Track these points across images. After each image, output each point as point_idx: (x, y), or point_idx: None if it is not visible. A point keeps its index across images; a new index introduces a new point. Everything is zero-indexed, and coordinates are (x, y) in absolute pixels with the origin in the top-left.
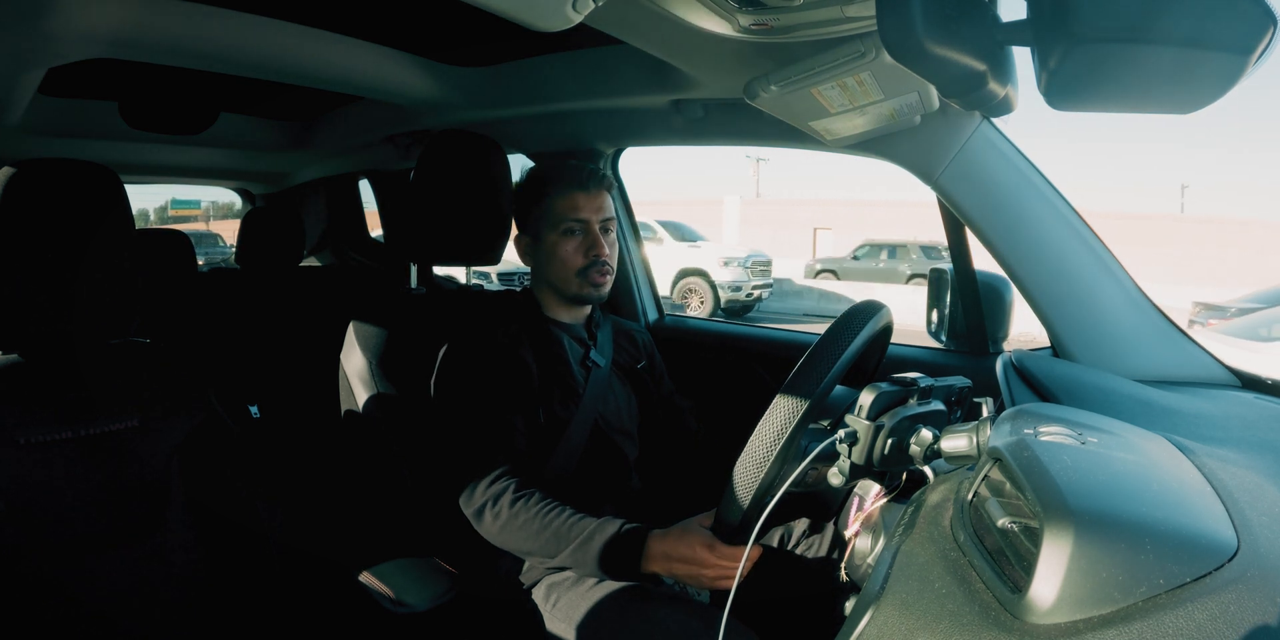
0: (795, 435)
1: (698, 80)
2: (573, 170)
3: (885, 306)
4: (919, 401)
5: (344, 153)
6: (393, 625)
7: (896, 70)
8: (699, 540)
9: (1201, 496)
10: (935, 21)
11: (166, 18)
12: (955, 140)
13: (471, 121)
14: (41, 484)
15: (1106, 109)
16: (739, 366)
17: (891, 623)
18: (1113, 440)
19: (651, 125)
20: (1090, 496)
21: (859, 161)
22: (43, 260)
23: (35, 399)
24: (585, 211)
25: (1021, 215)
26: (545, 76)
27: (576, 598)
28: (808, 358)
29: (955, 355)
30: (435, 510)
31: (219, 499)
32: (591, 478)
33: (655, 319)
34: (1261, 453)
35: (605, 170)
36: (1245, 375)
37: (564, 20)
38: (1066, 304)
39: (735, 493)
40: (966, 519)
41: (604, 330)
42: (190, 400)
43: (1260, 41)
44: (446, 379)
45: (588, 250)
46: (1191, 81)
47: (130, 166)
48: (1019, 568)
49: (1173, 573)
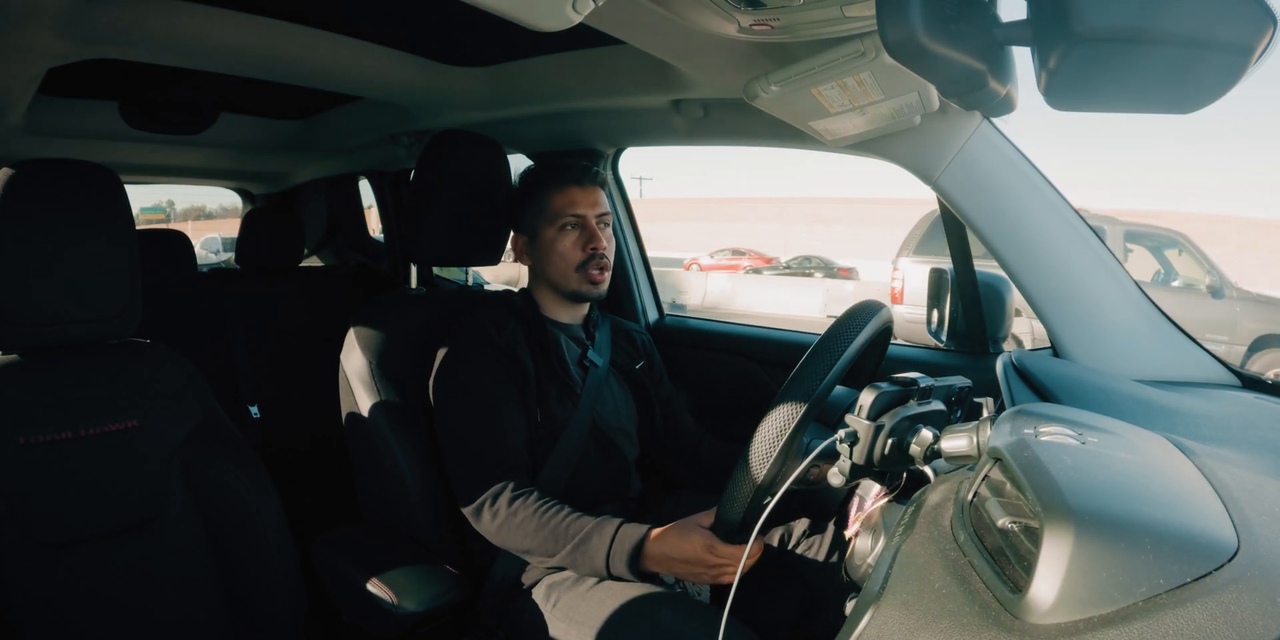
0: (795, 435)
1: (698, 80)
2: (567, 166)
3: (885, 306)
4: (919, 401)
5: (344, 153)
6: (393, 625)
7: (896, 70)
8: (699, 540)
9: (1201, 496)
10: (935, 21)
11: (166, 18)
12: (955, 140)
13: (471, 121)
14: (41, 484)
15: (1106, 109)
16: (739, 366)
17: (891, 623)
18: (1113, 440)
19: (651, 125)
20: (1090, 496)
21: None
22: (43, 260)
23: (35, 399)
24: (582, 206)
25: (1021, 215)
26: (545, 76)
27: (576, 598)
28: (808, 358)
29: (955, 355)
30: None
31: (219, 499)
32: (590, 477)
33: (655, 319)
34: (1261, 453)
35: (602, 168)
36: (1245, 375)
37: (564, 20)
38: (1066, 304)
39: (735, 492)
40: (966, 519)
41: (602, 330)
42: (190, 400)
43: (1260, 41)
44: (444, 379)
45: (586, 244)
46: (1191, 81)
47: (130, 166)
48: (1019, 568)
49: (1173, 573)
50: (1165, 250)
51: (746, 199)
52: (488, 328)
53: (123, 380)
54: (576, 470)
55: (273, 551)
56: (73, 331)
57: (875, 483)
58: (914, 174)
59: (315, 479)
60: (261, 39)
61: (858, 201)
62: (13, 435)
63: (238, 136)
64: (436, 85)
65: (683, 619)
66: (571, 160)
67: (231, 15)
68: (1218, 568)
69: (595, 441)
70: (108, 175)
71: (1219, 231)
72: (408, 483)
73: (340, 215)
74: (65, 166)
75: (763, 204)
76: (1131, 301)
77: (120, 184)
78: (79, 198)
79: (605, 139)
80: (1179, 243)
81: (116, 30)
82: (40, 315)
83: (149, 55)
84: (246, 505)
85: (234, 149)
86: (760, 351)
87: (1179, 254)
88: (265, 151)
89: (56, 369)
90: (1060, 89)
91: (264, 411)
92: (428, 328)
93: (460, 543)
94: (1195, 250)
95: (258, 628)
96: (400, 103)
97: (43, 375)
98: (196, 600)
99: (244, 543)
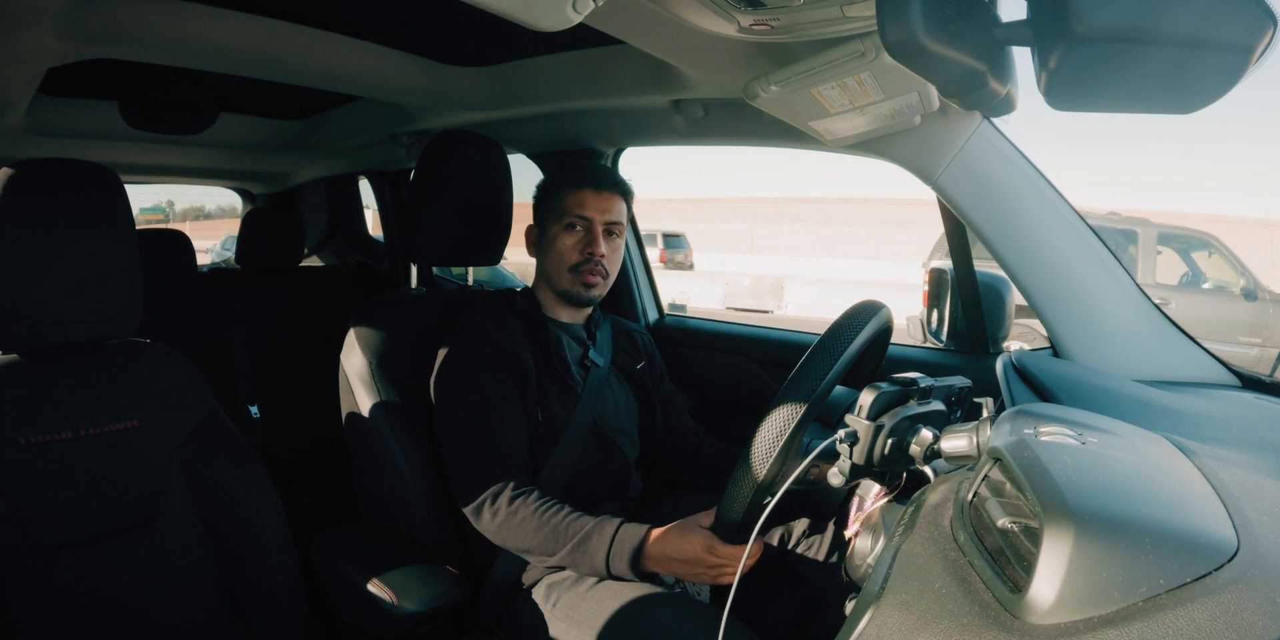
0: (795, 435)
1: (698, 80)
2: (590, 168)
3: (885, 306)
4: (919, 401)
5: (344, 153)
6: (393, 625)
7: (896, 70)
8: (699, 540)
9: (1201, 496)
10: (935, 21)
11: (166, 18)
12: (955, 140)
13: (471, 122)
14: (41, 484)
15: (1106, 109)
16: (739, 366)
17: (891, 623)
18: (1113, 440)
19: (651, 125)
20: (1090, 496)
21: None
22: (43, 260)
23: (35, 399)
24: (590, 209)
25: (1021, 215)
26: (545, 76)
27: (576, 598)
28: (808, 358)
29: (955, 355)
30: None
31: (219, 499)
32: (591, 477)
33: (655, 319)
34: (1261, 453)
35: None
36: (1245, 375)
37: (564, 20)
38: (1066, 304)
39: (735, 492)
40: (966, 519)
41: (603, 330)
42: (190, 400)
43: (1260, 41)
44: (445, 378)
45: (584, 247)
46: (1191, 81)
47: (130, 166)
48: (1019, 568)
49: (1173, 573)
50: (1194, 252)
51: (720, 200)
52: (488, 327)
53: (123, 380)
54: (577, 470)
55: (273, 551)
56: (73, 331)
57: (875, 483)
58: (914, 174)
59: (315, 479)
60: (261, 39)
61: (826, 201)
62: (13, 435)
63: (238, 136)
64: (436, 85)
65: (683, 619)
66: (598, 164)
67: (231, 15)
68: (1218, 568)
69: (596, 441)
70: (108, 175)
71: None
72: (408, 483)
73: (340, 215)
74: (65, 166)
75: (730, 204)
76: (1131, 301)
77: (120, 184)
78: (79, 198)
79: (605, 139)
80: (1209, 244)
81: (116, 30)
82: (40, 315)
83: (149, 55)
84: (246, 505)
85: (234, 149)
86: (760, 351)
87: (1209, 256)
88: (265, 151)
89: (56, 369)
90: (1060, 89)
91: (264, 411)
92: (428, 328)
93: (460, 542)
94: (1226, 252)
95: (258, 628)
96: (400, 103)
97: (43, 375)
98: (196, 600)
99: (244, 543)
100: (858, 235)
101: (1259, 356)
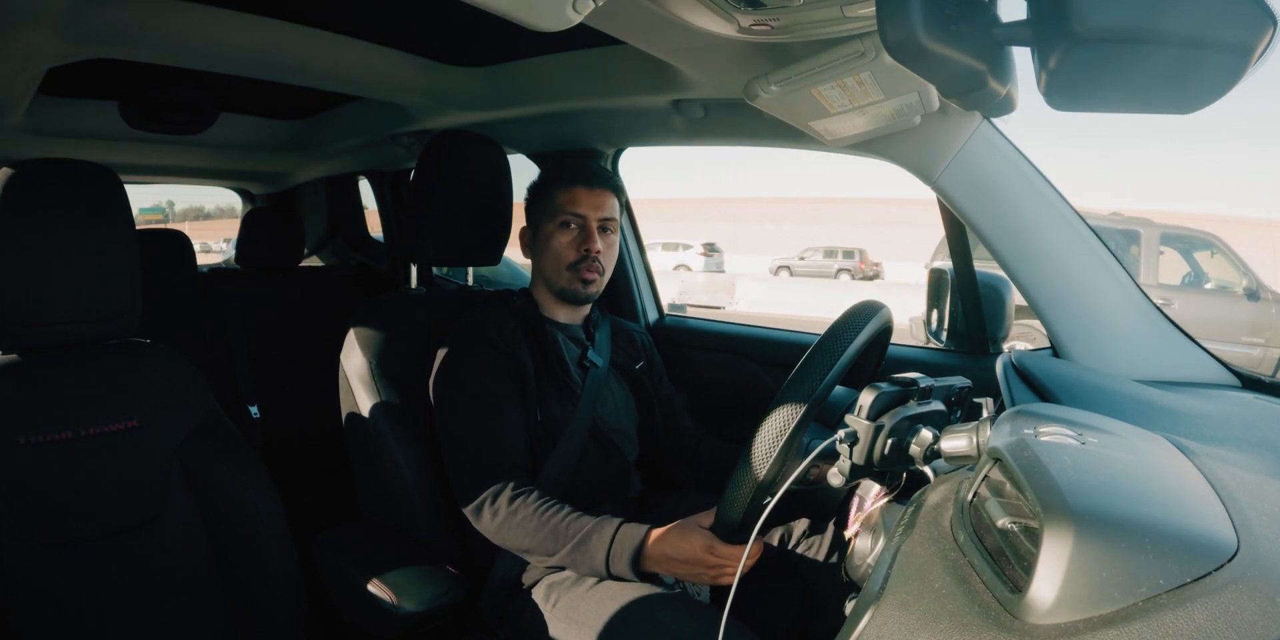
0: (795, 435)
1: (698, 80)
2: (580, 167)
3: (885, 306)
4: (919, 401)
5: (344, 153)
6: (393, 625)
7: (896, 70)
8: (699, 540)
9: (1201, 496)
10: (935, 21)
11: (166, 18)
12: (955, 140)
13: (471, 122)
14: (41, 484)
15: (1106, 109)
16: (739, 366)
17: (891, 623)
18: (1113, 440)
19: (651, 125)
20: (1090, 496)
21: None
22: (43, 260)
23: (35, 399)
24: (584, 207)
25: (1021, 215)
26: (545, 76)
27: (576, 598)
28: (808, 358)
29: (955, 355)
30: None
31: (219, 499)
32: (590, 477)
33: (655, 319)
34: (1261, 453)
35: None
36: (1245, 375)
37: (564, 20)
38: (1066, 304)
39: (735, 492)
40: (966, 519)
41: (602, 330)
42: (190, 400)
43: (1260, 41)
44: (444, 379)
45: (580, 244)
46: (1192, 81)
47: (130, 166)
48: (1019, 568)
49: (1173, 573)
50: (1196, 252)
51: (708, 199)
52: (487, 328)
53: (123, 380)
54: (576, 470)
55: (272, 551)
56: (73, 331)
57: (875, 483)
58: (914, 174)
59: (315, 479)
60: (261, 39)
61: (809, 201)
62: (13, 435)
63: (238, 136)
64: (436, 85)
65: (683, 619)
66: (589, 162)
67: (231, 15)
68: (1218, 568)
69: (595, 441)
70: (108, 175)
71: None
72: (407, 483)
73: (340, 215)
74: (65, 166)
75: (719, 204)
76: (1131, 302)
77: (120, 184)
78: (79, 198)
79: (605, 139)
80: (1212, 244)
81: (116, 30)
82: (40, 315)
83: (149, 55)
84: (246, 505)
85: (234, 149)
86: (760, 351)
87: (1211, 256)
88: (265, 151)
89: (56, 369)
90: (1060, 89)
91: (264, 411)
92: (428, 328)
93: (460, 543)
94: (1229, 252)
95: (258, 627)
96: (400, 103)
97: (43, 375)
98: (196, 600)
99: (244, 543)
100: (843, 234)
101: (1262, 357)
